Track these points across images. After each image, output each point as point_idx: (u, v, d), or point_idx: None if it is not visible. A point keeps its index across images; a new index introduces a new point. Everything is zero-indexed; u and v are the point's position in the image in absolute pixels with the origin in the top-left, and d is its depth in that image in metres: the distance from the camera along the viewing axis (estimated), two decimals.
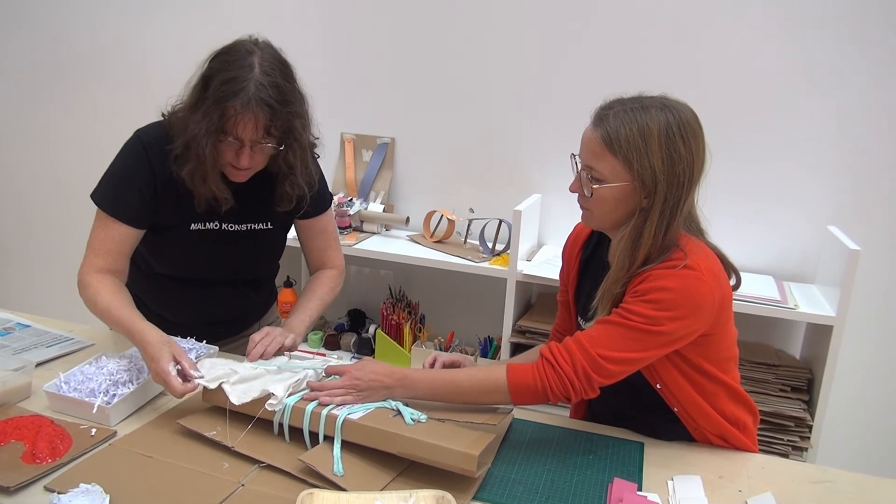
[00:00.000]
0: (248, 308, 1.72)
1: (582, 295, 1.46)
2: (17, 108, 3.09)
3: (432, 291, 2.67)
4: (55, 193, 3.13)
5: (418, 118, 2.57)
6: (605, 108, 1.26)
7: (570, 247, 1.53)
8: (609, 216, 1.29)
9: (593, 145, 1.25)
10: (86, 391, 1.32)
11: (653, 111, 1.22)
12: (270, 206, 1.54)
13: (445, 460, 1.12)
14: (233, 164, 1.40)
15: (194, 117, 1.35)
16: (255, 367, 1.38)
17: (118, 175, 1.47)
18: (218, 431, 1.25)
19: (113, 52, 2.90)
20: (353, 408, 1.24)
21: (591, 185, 1.26)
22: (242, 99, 1.30)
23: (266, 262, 1.69)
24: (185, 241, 1.52)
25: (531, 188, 2.49)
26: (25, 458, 1.16)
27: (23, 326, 1.70)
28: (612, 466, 1.28)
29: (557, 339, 1.59)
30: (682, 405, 1.34)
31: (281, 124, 1.36)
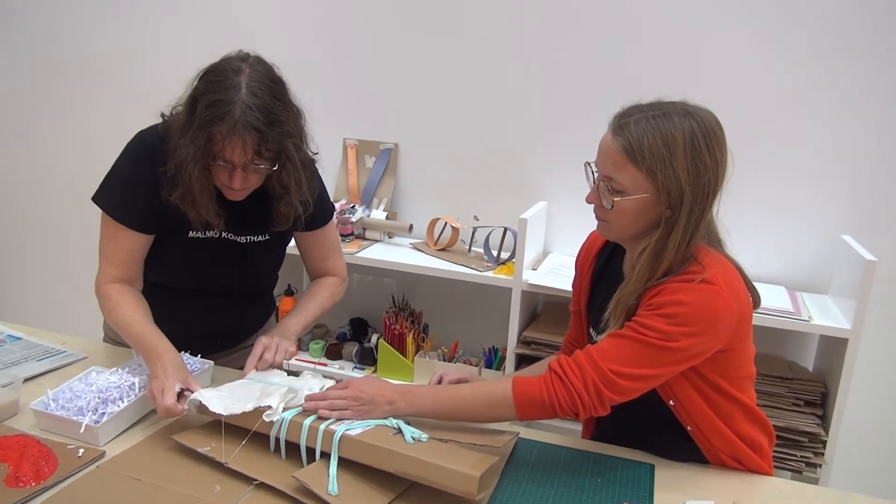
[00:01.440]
0: (245, 320, 1.68)
1: (595, 305, 1.41)
2: (9, 113, 3.05)
3: (436, 300, 2.61)
4: (49, 200, 3.09)
5: (422, 123, 2.53)
6: (625, 116, 1.20)
7: (583, 256, 1.48)
8: (629, 228, 1.23)
9: (613, 155, 1.19)
10: (74, 409, 1.27)
11: (675, 119, 1.16)
12: (269, 218, 1.49)
13: (445, 481, 1.07)
14: (227, 185, 1.36)
15: (183, 141, 1.31)
16: (250, 382, 1.34)
17: (122, 179, 1.43)
18: (212, 447, 1.21)
19: (109, 53, 2.86)
20: (352, 424, 1.19)
21: (611, 196, 1.20)
22: (228, 123, 1.25)
23: (264, 273, 1.65)
24: (183, 248, 1.48)
25: (537, 196, 2.43)
26: (8, 481, 1.12)
27: (14, 339, 1.65)
28: (621, 490, 1.22)
29: (569, 352, 1.54)
30: (696, 423, 1.29)
31: (272, 146, 1.32)
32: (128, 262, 1.45)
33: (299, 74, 1.43)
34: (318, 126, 1.48)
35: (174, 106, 1.39)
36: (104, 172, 1.46)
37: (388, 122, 2.57)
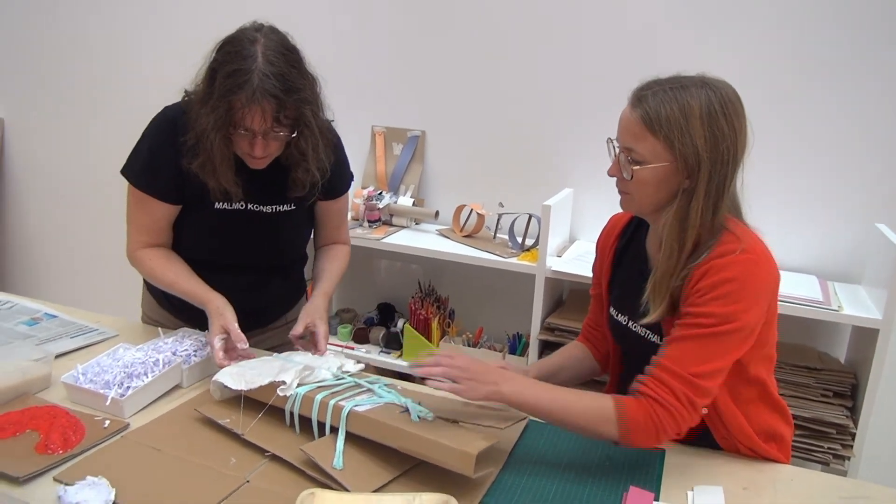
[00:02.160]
0: (276, 298, 1.71)
1: (615, 285, 1.43)
2: (54, 103, 3.15)
3: (462, 286, 2.63)
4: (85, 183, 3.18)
5: (449, 111, 2.54)
6: (643, 89, 1.22)
7: (604, 239, 1.49)
8: (650, 199, 1.24)
9: (632, 126, 1.21)
10: (101, 383, 1.33)
11: (693, 89, 1.18)
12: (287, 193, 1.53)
13: (444, 458, 1.09)
14: (248, 153, 1.40)
15: (203, 111, 1.35)
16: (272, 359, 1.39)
17: (149, 151, 1.48)
18: (231, 420, 1.26)
19: (136, 30, 2.92)
20: (361, 401, 1.22)
21: (630, 167, 1.22)
22: (247, 91, 1.30)
23: (290, 245, 1.67)
24: (208, 220, 1.52)
25: (563, 182, 2.43)
26: (39, 448, 1.18)
27: (50, 317, 1.73)
28: (629, 474, 1.23)
29: (588, 335, 1.56)
30: (714, 407, 1.28)
31: (290, 113, 1.35)
32: (156, 230, 1.52)
33: (328, 63, 1.47)
34: (346, 114, 1.51)
35: (195, 81, 1.43)
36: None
37: (415, 110, 2.59)
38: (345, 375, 1.32)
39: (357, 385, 1.29)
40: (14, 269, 3.43)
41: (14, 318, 1.70)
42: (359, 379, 1.31)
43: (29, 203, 3.32)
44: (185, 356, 1.45)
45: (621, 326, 1.39)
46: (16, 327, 1.66)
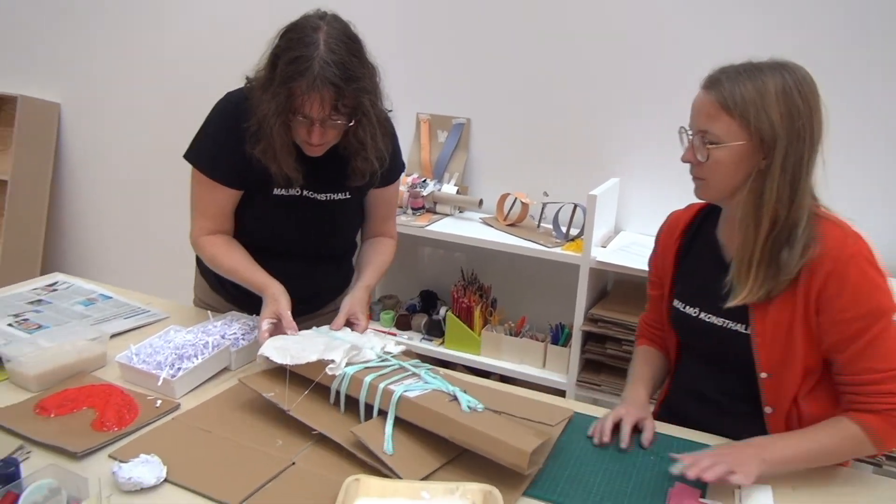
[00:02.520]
0: (326, 286, 1.73)
1: (682, 279, 1.42)
2: (109, 87, 3.22)
3: (504, 275, 2.63)
4: (140, 166, 3.25)
5: (495, 99, 2.52)
6: (718, 73, 1.23)
7: (667, 235, 1.46)
8: (726, 181, 1.23)
9: (707, 108, 1.22)
10: (153, 363, 1.37)
11: (767, 71, 1.19)
12: (346, 177, 1.54)
13: (498, 453, 1.09)
14: (306, 140, 1.42)
15: (264, 97, 1.37)
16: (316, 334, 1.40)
17: (212, 137, 1.51)
18: (276, 393, 1.27)
19: (190, 13, 2.96)
20: (409, 385, 1.22)
21: (705, 148, 1.22)
22: (308, 79, 1.31)
23: (343, 234, 1.69)
24: (267, 206, 1.54)
25: (609, 172, 2.40)
26: (95, 425, 1.22)
27: (105, 298, 1.78)
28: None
29: (651, 336, 1.55)
30: (783, 403, 1.26)
31: (349, 101, 1.36)
32: (220, 216, 1.55)
33: (373, 50, 1.46)
34: (391, 101, 1.51)
35: (257, 68, 1.45)
36: (189, 138, 1.54)
37: (460, 97, 2.58)
38: (388, 357, 1.32)
39: (402, 368, 1.29)
40: (71, 250, 3.54)
41: (71, 299, 1.76)
42: (403, 362, 1.31)
43: (85, 186, 3.41)
44: (234, 339, 1.48)
45: (689, 318, 1.37)
46: (73, 307, 1.71)
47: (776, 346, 1.24)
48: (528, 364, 2.40)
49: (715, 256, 1.35)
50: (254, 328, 1.53)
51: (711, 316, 1.33)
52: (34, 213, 3.33)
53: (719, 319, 1.31)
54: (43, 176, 3.33)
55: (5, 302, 1.69)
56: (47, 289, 1.81)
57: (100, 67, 3.21)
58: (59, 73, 3.29)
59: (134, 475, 1.05)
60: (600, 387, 2.27)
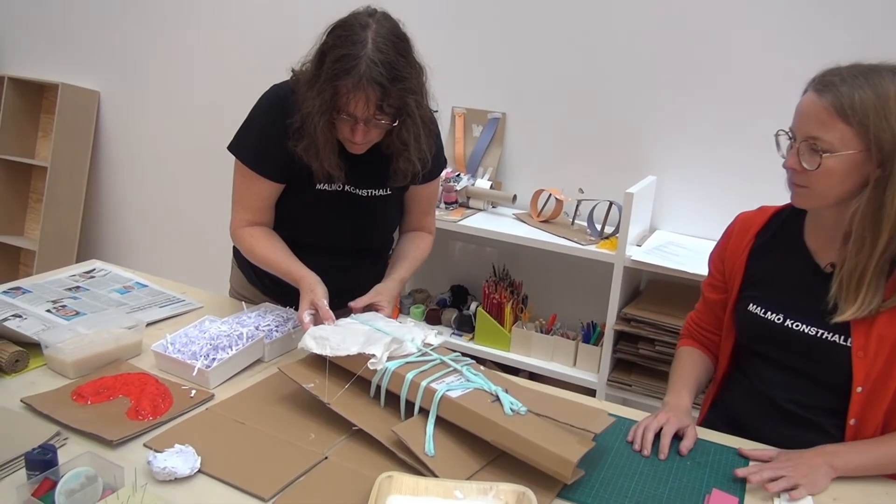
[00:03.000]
0: (361, 280, 1.70)
1: (760, 281, 1.36)
2: (149, 76, 3.26)
3: (536, 272, 2.60)
4: (178, 154, 3.29)
5: (531, 93, 2.50)
6: (828, 76, 1.16)
7: (737, 238, 1.40)
8: (834, 190, 1.18)
9: (820, 114, 1.15)
10: (188, 353, 1.37)
11: (885, 73, 1.13)
12: (388, 174, 1.53)
13: (541, 460, 1.07)
14: (349, 139, 1.41)
15: (310, 94, 1.36)
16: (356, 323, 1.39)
17: (258, 129, 1.50)
18: (316, 385, 1.26)
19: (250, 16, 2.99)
20: (452, 384, 1.21)
21: (815, 157, 1.16)
22: (354, 78, 1.30)
23: (383, 230, 1.68)
24: (309, 200, 1.54)
25: (646, 170, 2.36)
26: (130, 413, 1.23)
27: (141, 286, 1.80)
28: (712, 476, 1.19)
29: (699, 337, 1.51)
30: (871, 416, 1.22)
31: (394, 101, 1.35)
32: (261, 208, 1.55)
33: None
34: (437, 101, 1.50)
35: (303, 61, 1.44)
36: (229, 133, 1.54)
37: (496, 92, 2.56)
38: (429, 350, 1.31)
39: (443, 364, 1.27)
40: (106, 238, 3.59)
41: (107, 286, 1.78)
42: (444, 357, 1.29)
43: (123, 174, 3.46)
44: (268, 331, 1.48)
45: (770, 325, 1.31)
46: (109, 294, 1.73)
47: (878, 360, 1.20)
48: (558, 362, 2.38)
49: (806, 263, 1.30)
50: (287, 320, 1.53)
51: (801, 325, 1.27)
52: (72, 200, 3.39)
53: (812, 329, 1.26)
54: (81, 163, 3.38)
55: (45, 288, 1.71)
56: (85, 275, 1.83)
57: (139, 56, 3.25)
58: (99, 61, 3.34)
59: (168, 465, 1.06)
60: (631, 387, 2.24)
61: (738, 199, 1.53)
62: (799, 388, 1.30)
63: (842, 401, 1.25)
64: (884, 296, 1.18)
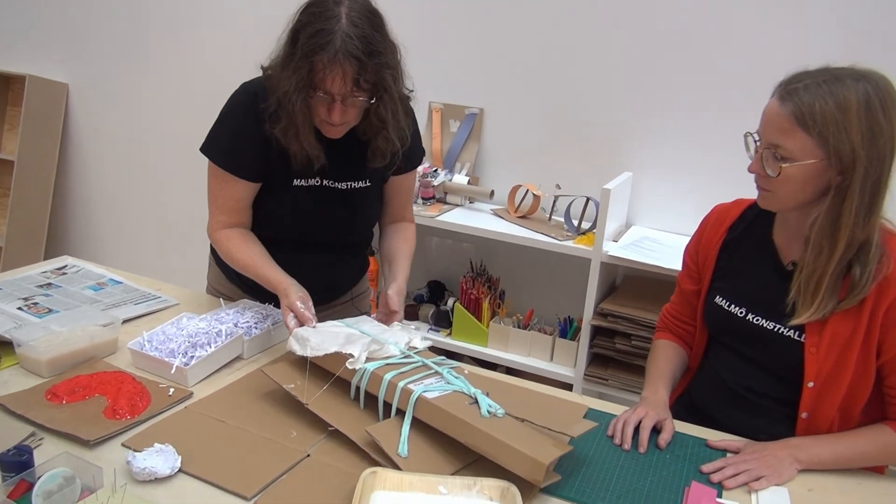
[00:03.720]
0: (343, 275, 1.71)
1: (724, 276, 1.38)
2: (118, 68, 3.20)
3: (514, 267, 2.61)
4: (149, 153, 3.23)
5: (508, 89, 2.50)
6: (792, 82, 1.17)
7: (711, 230, 1.43)
8: (794, 196, 1.20)
9: (781, 122, 1.16)
10: (166, 351, 1.35)
11: (848, 82, 1.13)
12: (367, 164, 1.52)
13: (513, 463, 1.05)
14: (326, 119, 1.38)
15: (285, 73, 1.33)
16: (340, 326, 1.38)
17: (229, 129, 1.48)
18: (296, 386, 1.26)
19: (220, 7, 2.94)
20: (429, 385, 1.20)
21: (776, 164, 1.18)
22: (329, 52, 1.28)
23: (363, 223, 1.65)
24: (286, 197, 1.51)
25: (622, 166, 2.38)
26: (107, 412, 1.21)
27: (115, 282, 1.77)
28: (690, 468, 1.21)
29: (675, 330, 1.53)
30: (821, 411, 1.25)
31: (370, 77, 1.33)
32: (237, 209, 1.51)
33: None
34: (412, 81, 1.48)
35: (271, 56, 1.42)
36: (200, 126, 1.52)
37: (474, 87, 2.56)
38: (412, 353, 1.31)
39: (424, 366, 1.27)
40: (76, 234, 3.52)
41: (80, 283, 1.74)
42: (426, 360, 1.29)
43: (94, 168, 3.39)
44: (247, 328, 1.46)
45: (732, 317, 1.34)
46: (82, 291, 1.70)
47: (830, 357, 1.23)
48: (536, 357, 2.40)
49: (770, 259, 1.32)
50: (266, 317, 1.52)
51: (761, 318, 1.30)
52: (40, 195, 3.31)
53: (770, 323, 1.29)
54: (49, 157, 3.31)
55: (15, 285, 1.68)
56: (56, 272, 1.80)
57: (109, 48, 3.19)
58: (68, 53, 3.27)
59: (149, 465, 1.04)
60: (608, 381, 2.26)
61: (712, 196, 1.54)
62: (755, 377, 1.34)
63: (793, 393, 1.28)
64: (838, 297, 1.20)
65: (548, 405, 1.26)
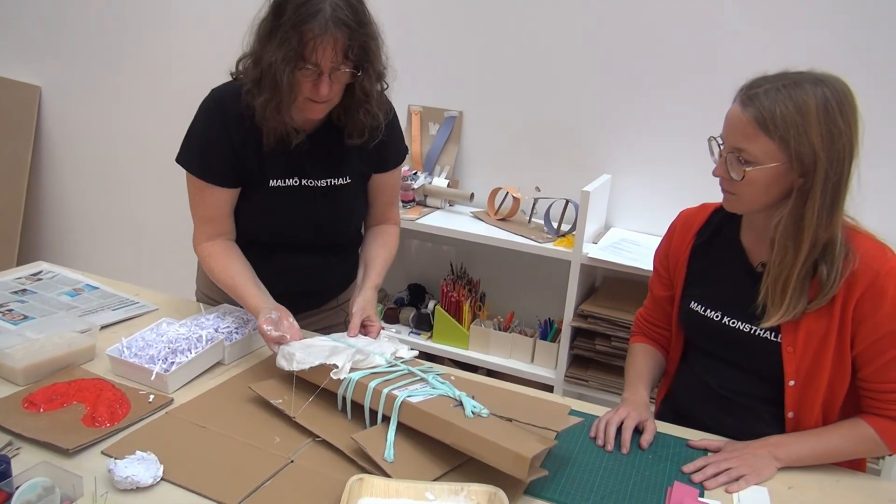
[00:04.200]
0: (330, 279, 1.69)
1: (697, 281, 1.39)
2: (91, 71, 3.15)
3: (494, 270, 2.62)
4: (124, 157, 3.19)
5: (488, 92, 2.50)
6: (753, 87, 1.18)
7: (680, 234, 1.44)
8: (759, 199, 1.22)
9: (744, 126, 1.17)
10: (146, 357, 1.34)
11: (807, 86, 1.15)
12: (348, 160, 1.50)
13: (497, 459, 1.06)
14: (310, 97, 1.35)
15: (269, 46, 1.30)
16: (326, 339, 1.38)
17: (200, 137, 1.45)
18: (284, 400, 1.26)
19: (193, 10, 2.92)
20: (414, 391, 1.20)
21: (740, 168, 1.19)
22: (320, 21, 1.26)
23: (347, 222, 1.62)
24: (264, 199, 1.49)
25: (601, 168, 2.40)
26: (86, 420, 1.19)
27: (92, 288, 1.74)
28: (673, 468, 1.22)
29: (651, 334, 1.54)
30: (806, 410, 1.27)
31: (358, 46, 1.32)
32: (218, 217, 1.49)
33: None
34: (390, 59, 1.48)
35: (240, 58, 1.40)
36: (176, 129, 1.50)
37: (453, 90, 2.56)
38: (398, 362, 1.30)
39: (410, 374, 1.27)
40: (50, 239, 3.46)
41: (56, 289, 1.72)
42: (412, 367, 1.29)
43: (68, 172, 3.34)
44: (227, 333, 1.45)
45: (709, 322, 1.35)
46: (58, 297, 1.67)
47: (807, 355, 1.25)
48: (517, 359, 2.40)
49: (740, 262, 1.34)
50: (247, 321, 1.50)
51: (737, 321, 1.32)
52: (12, 199, 3.25)
53: (746, 325, 1.30)
54: (21, 160, 3.25)
55: None
56: (31, 278, 1.76)
57: (82, 50, 3.14)
58: (40, 55, 3.21)
59: (130, 473, 1.03)
60: (588, 382, 2.27)
61: (691, 198, 1.56)
62: (737, 379, 1.35)
63: (777, 392, 1.30)
64: (809, 296, 1.22)
65: (533, 405, 1.27)
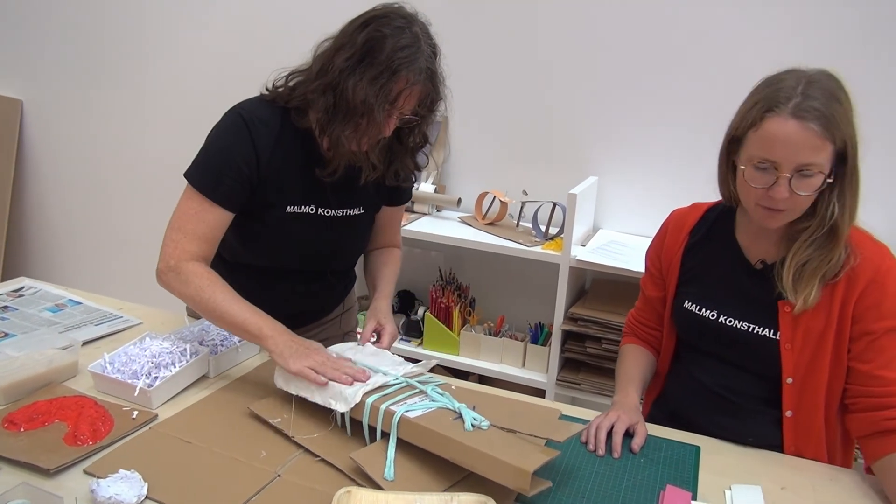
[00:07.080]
0: (329, 299, 1.68)
1: (695, 277, 1.38)
2: (73, 84, 3.13)
3: (483, 275, 2.61)
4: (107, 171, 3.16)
5: (473, 97, 2.49)
6: (791, 97, 1.12)
7: (672, 236, 1.42)
8: (807, 204, 1.19)
9: (812, 140, 1.11)
10: (129, 373, 1.32)
11: (824, 81, 1.15)
12: (364, 192, 1.49)
13: (498, 474, 1.03)
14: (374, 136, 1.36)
15: (355, 79, 1.27)
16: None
17: (218, 155, 1.37)
18: (283, 420, 1.24)
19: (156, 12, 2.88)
20: (412, 405, 1.18)
21: (807, 181, 1.14)
22: (416, 69, 1.28)
23: (353, 250, 1.62)
24: (279, 224, 1.44)
25: (587, 170, 2.39)
26: (67, 439, 1.17)
27: (74, 303, 1.71)
28: (665, 472, 1.21)
29: (644, 335, 1.53)
30: (804, 408, 1.27)
31: (431, 100, 1.34)
32: (210, 239, 1.38)
33: None
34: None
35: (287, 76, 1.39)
36: (158, 142, 1.47)
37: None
38: (398, 376, 1.27)
39: (409, 386, 1.25)
40: (33, 254, 3.43)
41: (38, 304, 1.69)
42: (411, 380, 1.26)
43: (50, 186, 3.30)
44: (212, 346, 1.43)
45: (706, 321, 1.34)
46: (40, 313, 1.64)
47: (805, 352, 1.24)
48: (508, 364, 2.39)
49: (737, 259, 1.32)
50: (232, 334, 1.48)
51: (734, 320, 1.31)
52: None
53: (744, 324, 1.30)
54: (4, 175, 3.21)
55: None
56: (12, 294, 1.74)
57: (63, 64, 3.11)
58: (21, 69, 3.18)
59: (113, 492, 1.01)
60: (580, 385, 2.26)
61: (676, 198, 1.56)
62: (735, 378, 1.34)
63: (774, 391, 1.29)
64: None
65: (537, 415, 1.24)
